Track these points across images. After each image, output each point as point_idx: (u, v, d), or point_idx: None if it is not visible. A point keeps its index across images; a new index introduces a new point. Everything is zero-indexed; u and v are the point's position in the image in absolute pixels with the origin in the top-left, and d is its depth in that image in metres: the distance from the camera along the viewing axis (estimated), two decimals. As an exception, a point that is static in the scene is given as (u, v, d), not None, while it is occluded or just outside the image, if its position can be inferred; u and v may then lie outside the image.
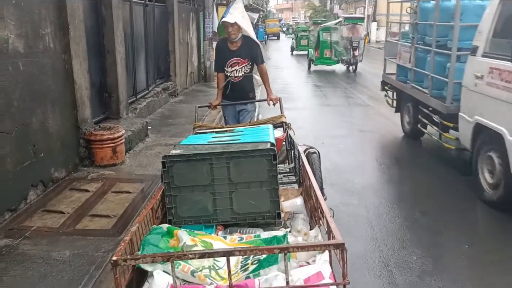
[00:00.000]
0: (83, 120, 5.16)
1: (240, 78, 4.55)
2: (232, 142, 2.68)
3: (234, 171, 2.36)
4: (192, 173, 2.37)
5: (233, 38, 4.40)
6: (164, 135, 6.71)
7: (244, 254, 1.71)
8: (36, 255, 3.23)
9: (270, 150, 2.36)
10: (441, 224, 4.17)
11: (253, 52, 4.53)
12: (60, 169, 4.70)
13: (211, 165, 2.36)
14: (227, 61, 4.52)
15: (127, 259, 1.74)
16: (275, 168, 2.36)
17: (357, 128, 7.98)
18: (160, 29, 9.36)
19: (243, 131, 3.17)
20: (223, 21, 4.33)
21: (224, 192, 2.40)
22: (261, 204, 2.40)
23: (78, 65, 5.03)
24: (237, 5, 4.46)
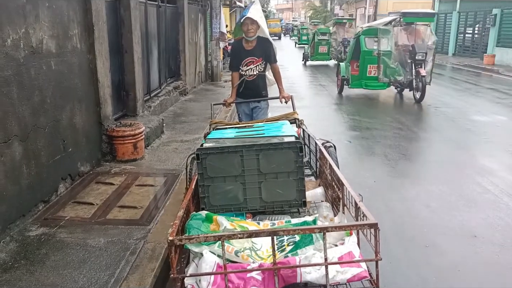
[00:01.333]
0: (105, 117, 5.38)
1: (254, 77, 4.79)
2: (258, 136, 2.91)
3: (263, 163, 2.57)
4: (224, 164, 2.59)
5: (251, 37, 4.62)
6: (179, 132, 6.93)
7: (288, 234, 1.91)
8: (73, 242, 3.45)
9: (296, 142, 2.59)
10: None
11: (267, 51, 4.76)
12: (86, 164, 4.93)
13: (242, 157, 2.57)
14: (242, 60, 4.77)
15: (182, 238, 1.94)
16: (301, 160, 2.58)
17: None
18: (171, 29, 9.58)
19: (263, 127, 3.40)
20: (247, 17, 4.51)
21: (253, 182, 2.62)
22: (288, 193, 2.62)
23: (101, 64, 5.25)
24: (257, 6, 4.69)
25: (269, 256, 2.06)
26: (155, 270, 3.08)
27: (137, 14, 6.67)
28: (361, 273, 1.88)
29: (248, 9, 4.69)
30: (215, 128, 3.91)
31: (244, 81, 4.82)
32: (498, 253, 3.57)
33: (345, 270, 1.86)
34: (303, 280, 1.88)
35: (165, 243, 3.44)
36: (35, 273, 3.02)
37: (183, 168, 5.16)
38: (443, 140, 7.20)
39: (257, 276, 1.92)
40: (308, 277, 1.87)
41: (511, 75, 15.29)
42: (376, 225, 1.83)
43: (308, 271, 1.86)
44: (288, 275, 1.88)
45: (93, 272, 3.03)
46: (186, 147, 6.06)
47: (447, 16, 24.92)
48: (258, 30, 4.62)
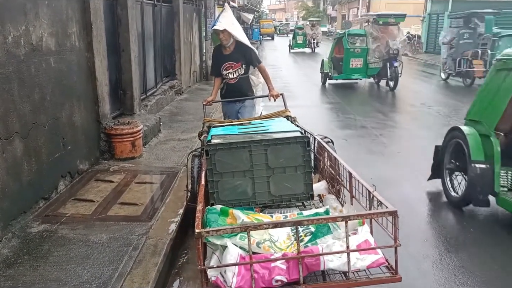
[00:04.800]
0: (103, 115, 5.39)
1: (236, 80, 4.83)
2: (263, 132, 2.95)
3: (272, 157, 2.62)
4: (233, 160, 2.63)
5: (226, 44, 4.72)
6: (176, 131, 6.95)
7: (312, 223, 1.97)
8: (75, 238, 3.47)
9: (304, 137, 2.64)
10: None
11: (246, 56, 4.80)
12: (84, 162, 4.94)
13: (250, 152, 2.62)
14: (221, 65, 4.82)
15: (210, 230, 1.92)
16: (308, 154, 2.64)
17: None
18: (166, 29, 9.60)
19: (263, 123, 3.44)
20: (214, 29, 4.67)
21: (262, 176, 2.66)
22: (296, 187, 2.67)
23: (99, 63, 5.26)
24: (226, 13, 4.79)
25: (287, 247, 2.10)
26: (158, 265, 3.11)
27: (134, 13, 6.69)
28: (379, 260, 1.94)
29: (218, 17, 4.80)
30: (208, 126, 3.95)
31: (226, 84, 4.89)
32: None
33: (364, 257, 1.92)
34: (326, 268, 1.94)
35: (167, 239, 3.48)
36: (38, 268, 3.04)
37: (182, 166, 5.21)
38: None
39: (281, 266, 1.96)
40: (330, 265, 1.93)
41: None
42: (395, 212, 1.88)
43: (330, 259, 1.92)
44: (312, 263, 1.94)
45: (96, 267, 3.06)
46: (183, 146, 6.08)
47: (439, 17, 25.13)
48: (231, 36, 4.67)
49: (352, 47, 12.92)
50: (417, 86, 13.94)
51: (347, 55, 12.86)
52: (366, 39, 13.00)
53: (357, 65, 12.96)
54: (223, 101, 5.01)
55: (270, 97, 4.79)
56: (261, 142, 2.62)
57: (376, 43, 12.83)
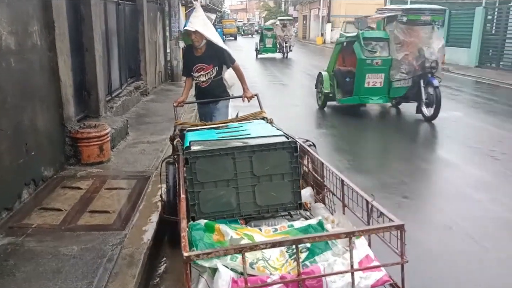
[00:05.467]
0: (68, 118, 5.11)
1: (208, 83, 4.65)
2: (246, 137, 2.79)
3: (257, 165, 2.45)
4: (215, 168, 2.43)
5: (197, 45, 4.53)
6: (144, 133, 6.71)
7: (313, 241, 1.75)
8: (44, 251, 3.23)
9: (291, 142, 2.49)
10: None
11: (219, 57, 4.61)
12: (49, 168, 4.65)
13: (234, 160, 2.43)
14: (192, 66, 4.64)
15: (200, 254, 1.71)
16: (295, 160, 2.49)
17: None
18: (130, 28, 9.29)
19: (242, 126, 3.30)
20: (185, 29, 4.50)
21: (247, 185, 2.47)
22: (283, 196, 2.51)
23: (63, 63, 4.98)
24: (198, 13, 4.62)
25: (282, 265, 1.90)
26: (136, 277, 2.93)
27: (98, 11, 6.40)
28: (383, 277, 1.79)
29: (188, 17, 4.67)
30: (181, 129, 3.78)
31: (198, 88, 4.74)
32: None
33: (368, 275, 1.75)
34: None
35: (144, 248, 3.30)
36: (5, 286, 2.79)
37: (153, 169, 5.02)
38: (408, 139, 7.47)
39: None
40: (333, 286, 1.75)
41: (460, 73, 15.99)
42: (402, 226, 1.75)
43: (333, 280, 1.75)
44: (314, 286, 1.76)
45: (69, 282, 2.85)
46: (153, 148, 5.87)
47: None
48: (203, 37, 4.48)
49: (370, 58, 8.46)
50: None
51: (362, 68, 8.52)
52: (389, 46, 8.55)
53: (376, 84, 8.64)
54: (195, 102, 4.86)
55: (244, 98, 4.63)
56: (245, 148, 2.45)
57: (403, 51, 8.51)
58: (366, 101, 8.95)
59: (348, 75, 9.02)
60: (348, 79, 8.98)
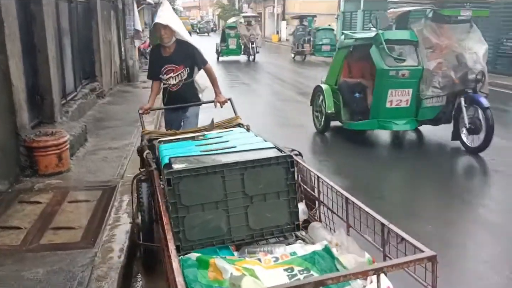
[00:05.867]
0: (22, 126, 4.72)
1: (178, 87, 4.30)
2: (231, 151, 2.51)
3: (249, 183, 2.19)
4: (202, 189, 2.15)
5: (166, 42, 4.18)
6: (104, 139, 6.35)
7: (337, 281, 1.52)
8: (4, 276, 2.91)
9: (286, 156, 2.25)
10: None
11: (190, 57, 4.29)
12: (3, 181, 4.27)
13: (223, 178, 2.16)
14: (161, 68, 4.27)
15: None
16: (292, 176, 2.26)
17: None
18: (83, 27, 8.81)
19: (222, 137, 3.00)
20: (155, 23, 4.11)
21: (238, 207, 2.21)
22: (279, 216, 2.27)
23: (15, 66, 4.58)
24: (166, 7, 4.32)
25: None
26: (113, 300, 2.69)
27: (49, 10, 5.97)
28: None
29: (157, 13, 4.31)
30: (149, 139, 3.51)
31: (168, 92, 4.35)
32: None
33: None
34: None
35: (117, 267, 3.05)
36: (-39, 322, 2.46)
37: (119, 178, 4.73)
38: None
39: None
40: None
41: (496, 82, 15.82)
42: (435, 257, 1.57)
43: None
44: None
45: (37, 312, 2.56)
46: (116, 155, 5.54)
47: (353, 15, 26.23)
48: (173, 33, 4.19)
49: (395, 68, 6.13)
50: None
51: (383, 82, 6.19)
52: (417, 51, 6.26)
53: (401, 103, 6.28)
54: (164, 108, 4.47)
55: (216, 103, 4.33)
56: (236, 165, 2.16)
57: (435, 59, 6.23)
58: (388, 127, 6.42)
59: (357, 90, 6.79)
60: (358, 95, 6.75)
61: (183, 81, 4.30)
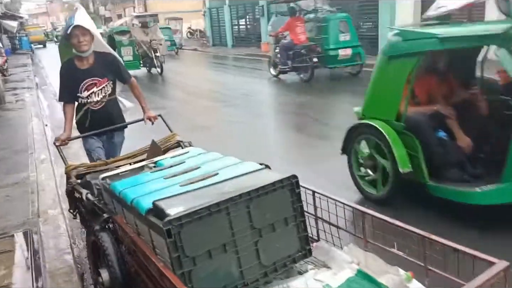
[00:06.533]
0: None
1: (102, 104, 3.74)
2: (220, 180, 2.18)
3: (256, 215, 1.98)
4: (207, 232, 1.88)
5: (85, 51, 3.56)
6: (-4, 174, 5.50)
7: None
8: None
9: (291, 177, 2.08)
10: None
11: (113, 67, 3.79)
12: None
13: (229, 215, 1.92)
14: (79, 84, 3.63)
15: None
16: (298, 198, 2.11)
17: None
18: None
19: (186, 162, 2.62)
20: (76, 25, 3.46)
21: (248, 245, 1.98)
22: (289, 245, 2.10)
23: None
24: (82, 12, 3.70)
25: None
26: None
27: None
28: None
29: (72, 17, 3.59)
30: (78, 176, 3.10)
31: (90, 112, 3.72)
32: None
33: None
34: None
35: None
36: None
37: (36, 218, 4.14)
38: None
39: None
40: None
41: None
42: (508, 268, 1.48)
43: None
44: None
45: None
46: (21, 191, 4.82)
47: (219, 10, 26.51)
48: (92, 41, 3.63)
49: None
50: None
51: None
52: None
53: None
54: (88, 135, 3.71)
55: (146, 119, 3.83)
56: (241, 197, 1.93)
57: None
58: None
59: (437, 125, 3.87)
60: (443, 135, 3.85)
61: (107, 97, 3.76)
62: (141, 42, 15.40)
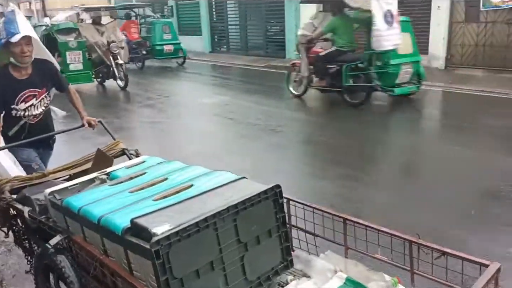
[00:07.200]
0: None
1: (41, 117, 3.43)
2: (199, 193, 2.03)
3: (243, 228, 1.90)
4: (195, 250, 1.77)
5: (27, 62, 3.22)
6: None
7: None
8: None
9: (275, 187, 2.01)
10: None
11: (52, 76, 3.45)
12: None
13: (216, 230, 1.82)
14: (16, 96, 3.26)
15: None
16: (281, 208, 2.05)
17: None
18: None
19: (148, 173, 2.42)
20: (24, 35, 3.07)
21: (234, 260, 1.89)
22: (273, 257, 2.03)
23: None
24: (20, 14, 3.26)
25: None
26: None
27: None
28: None
29: (13, 22, 3.09)
30: (13, 191, 2.76)
31: (28, 126, 3.37)
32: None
33: None
34: None
35: None
36: None
37: None
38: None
39: None
40: None
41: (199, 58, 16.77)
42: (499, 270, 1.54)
43: None
44: None
45: None
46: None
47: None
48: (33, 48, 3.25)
49: None
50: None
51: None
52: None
53: None
54: (21, 143, 3.27)
55: (86, 123, 3.50)
56: (228, 210, 1.83)
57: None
58: None
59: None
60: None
61: (45, 109, 3.42)
62: (94, 44, 10.99)
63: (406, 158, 5.64)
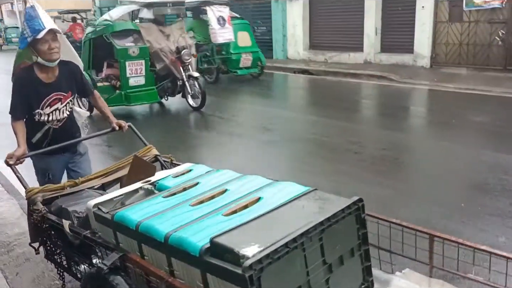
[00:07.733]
0: None
1: (64, 121, 3.18)
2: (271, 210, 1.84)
3: (328, 248, 1.74)
4: (284, 274, 1.60)
5: (56, 59, 2.92)
6: None
7: None
8: None
9: (358, 201, 1.85)
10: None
11: (77, 79, 3.18)
12: None
13: (304, 251, 1.66)
14: (42, 100, 3.00)
15: None
16: (364, 224, 1.90)
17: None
18: None
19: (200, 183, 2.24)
20: (50, 29, 2.79)
21: (321, 283, 1.73)
22: (354, 278, 1.88)
23: None
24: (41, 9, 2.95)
25: None
26: None
27: None
28: None
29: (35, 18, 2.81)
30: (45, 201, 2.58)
31: (51, 131, 3.12)
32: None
33: None
34: None
35: None
36: None
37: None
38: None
39: None
40: None
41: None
42: None
43: None
44: None
45: None
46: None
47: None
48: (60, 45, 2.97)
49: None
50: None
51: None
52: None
53: None
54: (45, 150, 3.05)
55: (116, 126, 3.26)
56: (315, 228, 1.67)
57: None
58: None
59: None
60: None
61: (69, 113, 3.17)
62: (159, 51, 8.19)
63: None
